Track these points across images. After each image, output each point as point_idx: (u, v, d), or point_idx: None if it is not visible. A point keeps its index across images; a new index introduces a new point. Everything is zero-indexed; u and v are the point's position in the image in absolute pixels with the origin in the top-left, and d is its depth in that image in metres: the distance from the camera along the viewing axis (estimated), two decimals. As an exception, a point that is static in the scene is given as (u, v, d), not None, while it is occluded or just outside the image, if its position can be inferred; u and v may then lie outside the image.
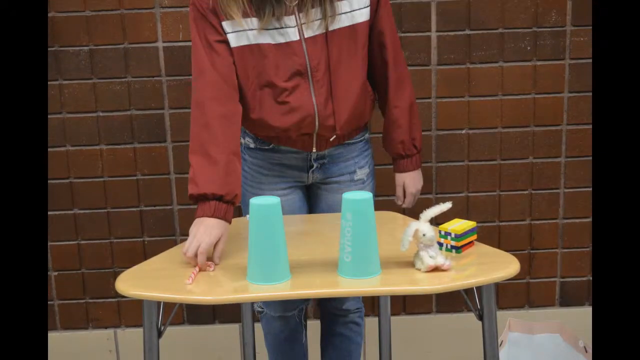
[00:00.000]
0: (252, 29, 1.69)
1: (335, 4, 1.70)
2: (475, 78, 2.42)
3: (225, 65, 1.71)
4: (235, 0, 1.66)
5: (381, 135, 1.99)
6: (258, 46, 1.70)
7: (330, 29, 1.71)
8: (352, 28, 1.74)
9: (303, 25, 1.69)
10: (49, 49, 2.35)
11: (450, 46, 2.39)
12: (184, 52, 2.37)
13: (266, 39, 1.69)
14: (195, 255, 1.51)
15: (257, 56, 1.71)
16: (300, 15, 1.69)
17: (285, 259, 1.41)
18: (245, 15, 1.67)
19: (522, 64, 2.42)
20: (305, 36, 1.70)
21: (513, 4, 2.37)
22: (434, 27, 2.38)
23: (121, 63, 2.38)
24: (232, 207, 1.64)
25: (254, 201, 1.38)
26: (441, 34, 2.39)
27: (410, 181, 1.97)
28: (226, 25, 1.69)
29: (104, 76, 2.39)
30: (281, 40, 1.70)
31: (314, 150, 1.83)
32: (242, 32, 1.69)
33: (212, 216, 1.59)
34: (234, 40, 1.70)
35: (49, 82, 2.37)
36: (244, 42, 1.70)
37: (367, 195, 1.38)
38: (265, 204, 1.37)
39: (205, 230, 1.55)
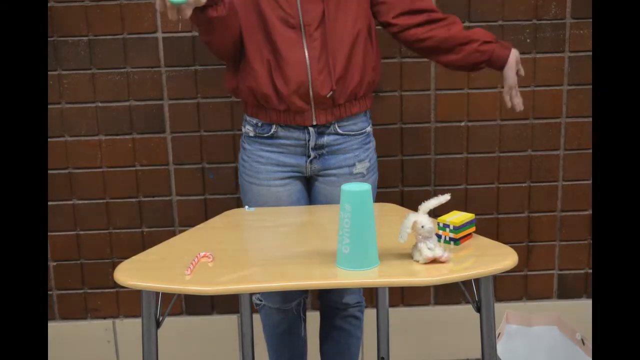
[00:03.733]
0: None
1: None
2: (475, 70, 2.42)
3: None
4: None
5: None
6: (255, 1, 1.76)
7: None
8: None
9: None
10: (48, 39, 2.34)
11: (450, 38, 2.39)
12: (184, 43, 2.37)
13: None
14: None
15: (255, 10, 1.76)
16: None
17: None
18: None
19: (522, 56, 2.40)
20: None
21: (513, -4, 2.37)
22: (433, 19, 2.38)
23: (120, 54, 2.37)
24: None
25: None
26: (441, 26, 2.38)
27: (514, 59, 1.93)
28: None
29: (103, 67, 2.38)
30: None
31: (314, 122, 1.83)
32: None
33: None
34: None
35: (48, 73, 2.37)
36: None
37: (365, 187, 1.38)
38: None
39: None
